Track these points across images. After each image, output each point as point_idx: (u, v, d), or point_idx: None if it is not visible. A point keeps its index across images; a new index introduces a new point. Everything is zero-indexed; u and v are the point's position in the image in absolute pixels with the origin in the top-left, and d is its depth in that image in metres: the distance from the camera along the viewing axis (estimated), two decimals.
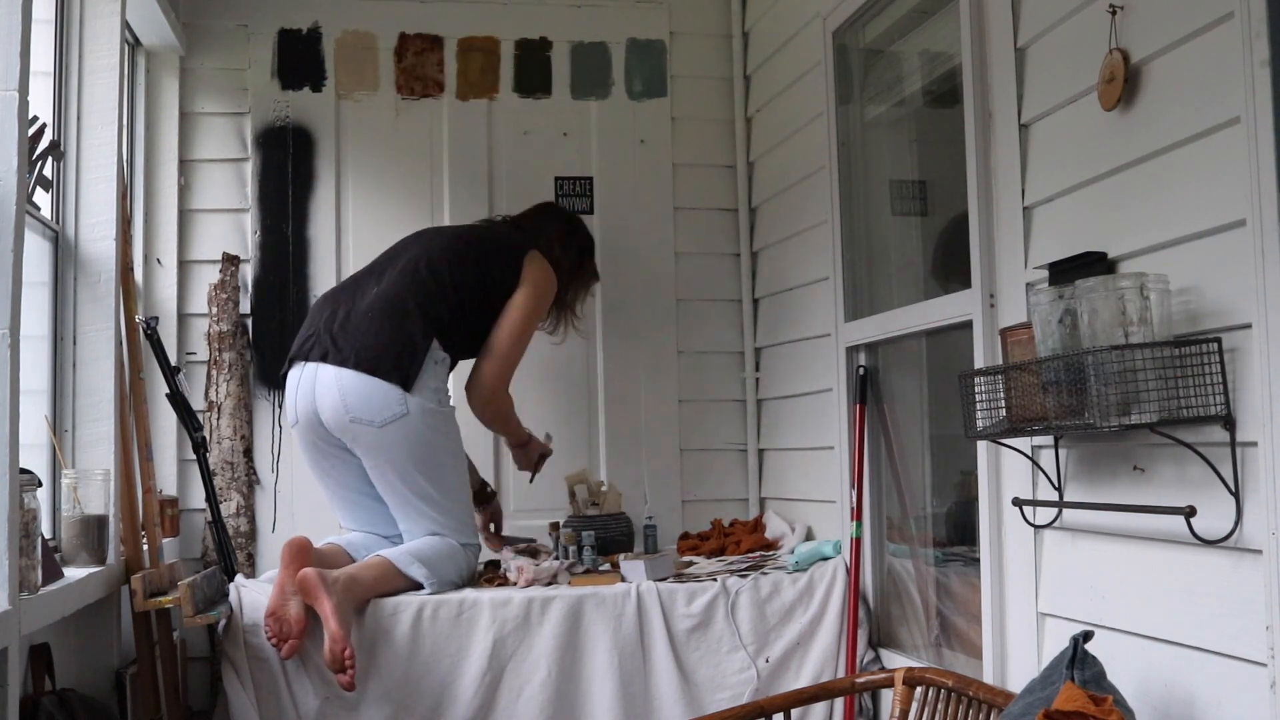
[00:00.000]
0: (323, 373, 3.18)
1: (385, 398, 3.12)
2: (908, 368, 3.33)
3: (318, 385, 3.18)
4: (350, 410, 3.12)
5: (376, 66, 4.07)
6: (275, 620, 2.89)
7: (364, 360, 3.14)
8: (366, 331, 3.18)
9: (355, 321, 3.22)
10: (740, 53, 4.26)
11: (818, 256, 3.61)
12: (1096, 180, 2.28)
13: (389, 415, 3.12)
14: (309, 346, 3.24)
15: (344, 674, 2.82)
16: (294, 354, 3.31)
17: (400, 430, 3.13)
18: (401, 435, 3.13)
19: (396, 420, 3.12)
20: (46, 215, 2.99)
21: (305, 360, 3.24)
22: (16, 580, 2.13)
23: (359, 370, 3.13)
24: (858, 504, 3.29)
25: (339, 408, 3.14)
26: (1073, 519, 2.36)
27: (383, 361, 3.14)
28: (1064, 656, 2.05)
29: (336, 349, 3.17)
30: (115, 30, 3.13)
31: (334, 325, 3.24)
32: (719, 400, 4.21)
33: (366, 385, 3.12)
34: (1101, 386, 1.98)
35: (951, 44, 2.88)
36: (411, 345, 3.18)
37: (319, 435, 3.24)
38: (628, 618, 3.12)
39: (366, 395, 3.12)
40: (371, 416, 3.12)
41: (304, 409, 3.22)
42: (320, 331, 3.24)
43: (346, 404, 3.13)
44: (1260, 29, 1.84)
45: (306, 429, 3.25)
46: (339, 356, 3.16)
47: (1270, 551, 1.83)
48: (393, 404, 3.12)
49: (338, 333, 3.21)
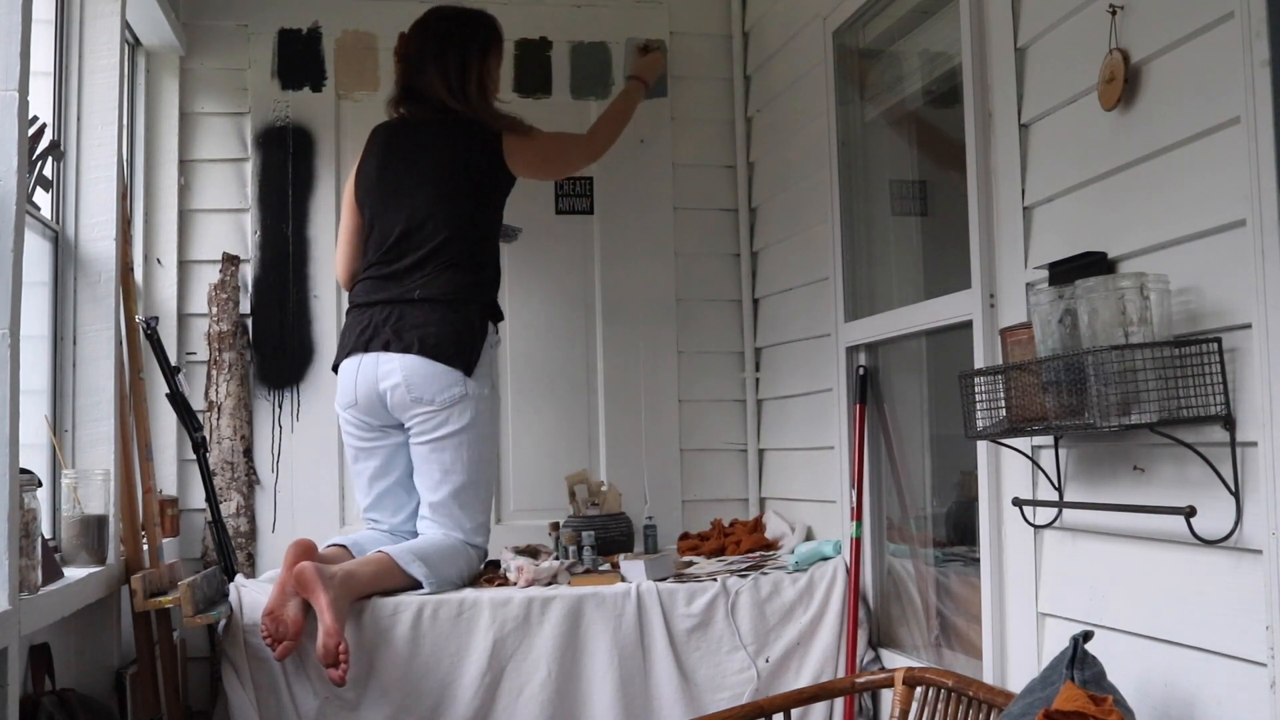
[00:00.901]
0: (385, 357, 3.28)
1: (447, 379, 3.25)
2: (908, 368, 3.33)
3: (380, 367, 3.28)
4: (413, 390, 3.25)
5: (376, 66, 4.07)
6: (272, 620, 2.89)
7: (427, 346, 3.26)
8: (427, 321, 3.28)
9: (411, 314, 3.30)
10: (740, 53, 4.26)
11: (818, 256, 3.61)
12: (1096, 180, 2.28)
13: (449, 396, 3.25)
14: (368, 339, 3.32)
15: (336, 669, 2.83)
16: (351, 348, 3.37)
17: (457, 411, 3.27)
18: (457, 415, 3.27)
19: (456, 401, 3.26)
20: (46, 215, 2.99)
21: (365, 351, 3.32)
22: (16, 580, 2.12)
23: (422, 355, 3.25)
24: (858, 504, 3.29)
25: (402, 387, 3.25)
26: (1073, 519, 2.36)
27: (445, 347, 3.26)
28: (1064, 656, 2.05)
29: (399, 339, 3.28)
30: (115, 30, 3.13)
31: (390, 318, 3.31)
32: (719, 400, 4.21)
33: (430, 368, 3.25)
34: (1101, 386, 1.98)
35: (951, 44, 2.88)
36: (471, 332, 3.31)
37: (376, 416, 3.34)
38: (628, 618, 3.12)
39: (430, 376, 3.25)
40: (433, 396, 3.25)
41: (365, 390, 3.32)
42: (378, 324, 3.32)
43: (410, 384, 3.25)
44: (1260, 29, 1.84)
45: (364, 410, 3.34)
46: (402, 345, 3.27)
47: (1270, 551, 1.83)
48: (453, 385, 3.26)
49: (396, 324, 3.30)
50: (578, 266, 4.16)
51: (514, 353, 4.06)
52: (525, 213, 3.84)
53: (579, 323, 4.14)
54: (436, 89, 3.48)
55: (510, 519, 3.98)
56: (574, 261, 4.15)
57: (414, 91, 3.52)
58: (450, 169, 3.42)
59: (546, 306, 4.12)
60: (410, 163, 3.45)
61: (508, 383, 4.05)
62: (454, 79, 3.47)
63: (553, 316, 4.13)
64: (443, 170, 3.42)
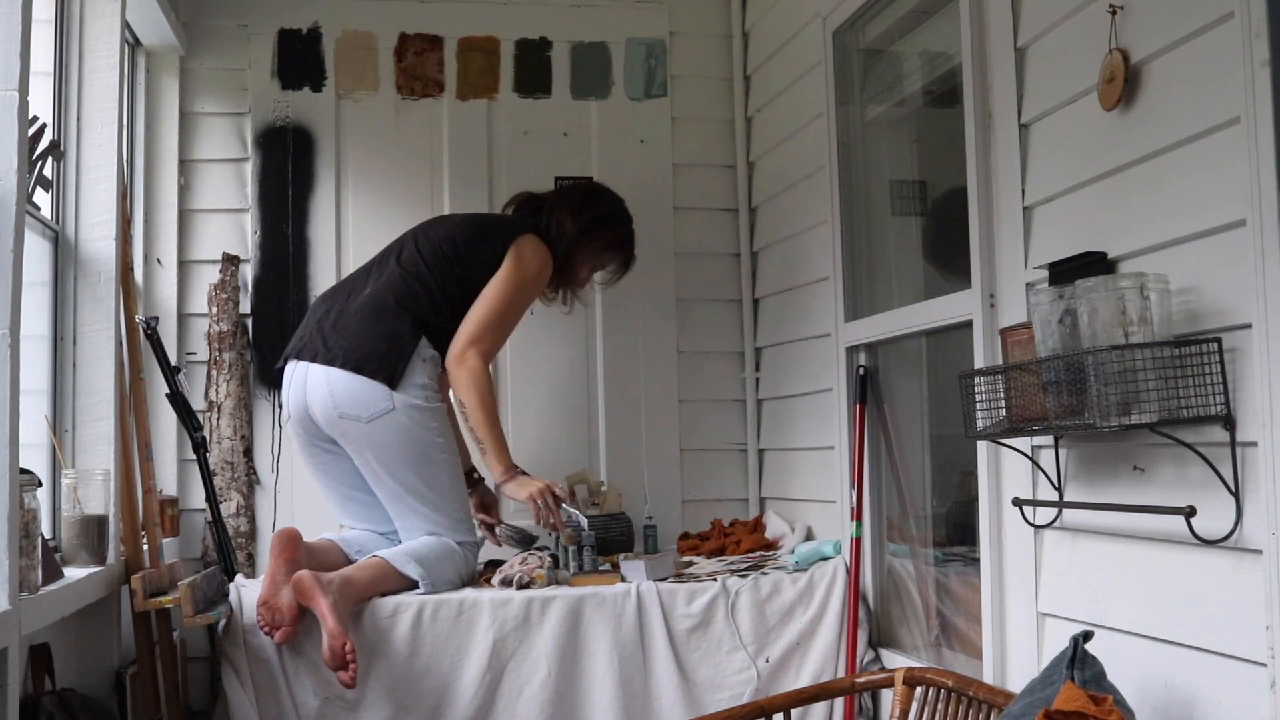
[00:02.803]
0: (312, 371, 3.25)
1: (371, 394, 3.17)
2: (908, 368, 3.33)
3: (308, 382, 3.25)
4: (338, 406, 3.19)
5: (376, 66, 4.07)
6: (267, 609, 2.90)
7: (350, 359, 3.20)
8: (355, 331, 3.25)
9: (345, 321, 3.28)
10: (740, 53, 4.26)
11: (818, 256, 3.61)
12: (1096, 180, 2.28)
13: (375, 411, 3.17)
14: (301, 345, 3.32)
15: (345, 671, 2.83)
16: (288, 352, 3.38)
17: (386, 426, 3.18)
18: (388, 430, 3.18)
19: (382, 416, 3.17)
20: (46, 215, 2.99)
21: (298, 359, 3.31)
22: (16, 580, 2.12)
23: (345, 369, 3.19)
24: (858, 504, 3.29)
25: (328, 404, 3.20)
26: (1073, 519, 2.36)
27: (369, 360, 3.20)
28: (1064, 656, 2.05)
29: (326, 348, 3.24)
30: (115, 30, 3.13)
31: (326, 324, 3.31)
32: (719, 400, 4.21)
33: (353, 383, 3.18)
34: (1101, 386, 1.98)
35: (951, 44, 2.88)
36: (398, 343, 3.23)
37: (311, 431, 3.31)
38: (628, 618, 3.12)
39: (353, 392, 3.18)
40: (359, 412, 3.18)
41: (295, 405, 3.30)
42: (313, 331, 3.32)
43: (335, 400, 3.20)
44: (1260, 29, 1.84)
45: (298, 425, 3.33)
46: (328, 355, 3.23)
47: (1270, 551, 1.83)
48: (378, 400, 3.18)
49: (329, 332, 3.28)
50: None
51: (514, 352, 4.05)
52: None
53: (579, 323, 4.14)
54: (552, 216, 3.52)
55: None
56: None
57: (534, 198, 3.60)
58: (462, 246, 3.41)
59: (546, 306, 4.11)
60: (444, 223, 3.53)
61: (508, 383, 4.05)
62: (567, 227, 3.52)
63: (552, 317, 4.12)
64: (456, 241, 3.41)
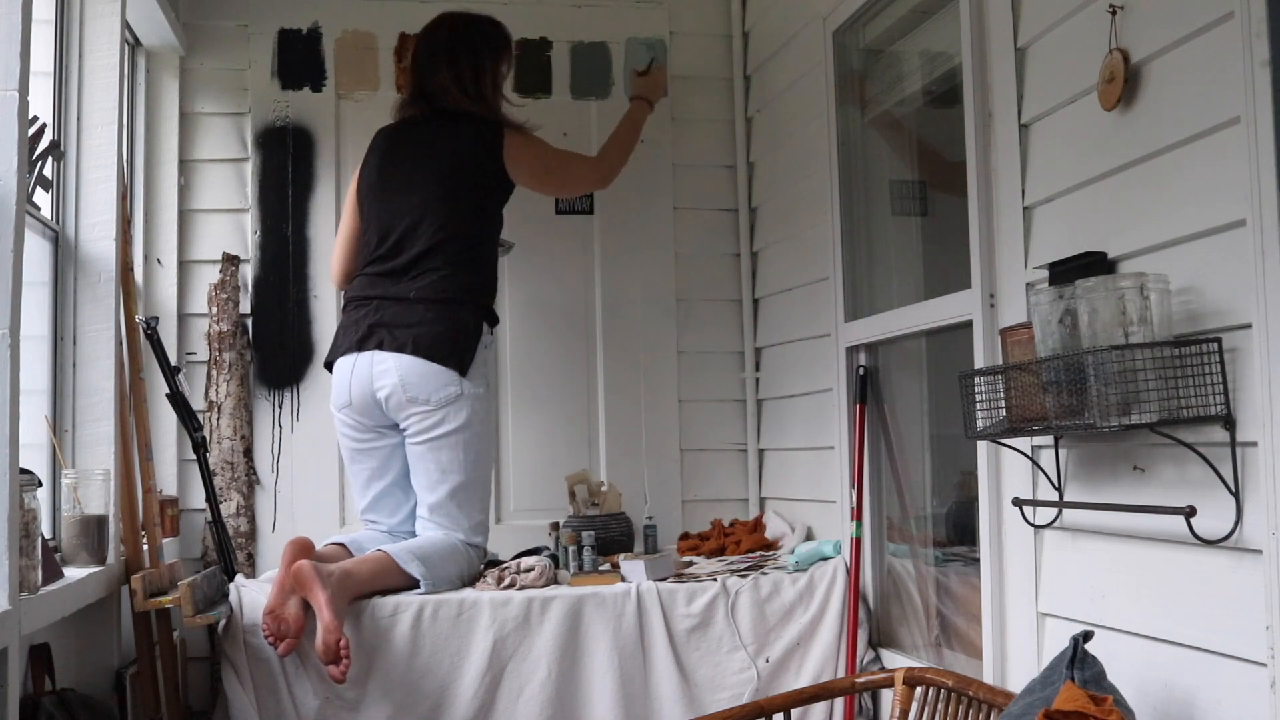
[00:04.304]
0: (380, 357, 3.28)
1: (441, 379, 3.25)
2: (908, 368, 3.33)
3: (375, 367, 3.29)
4: (409, 390, 3.25)
5: (376, 66, 4.07)
6: (273, 619, 2.89)
7: (422, 346, 3.26)
8: (421, 320, 3.29)
9: (408, 313, 3.31)
10: (740, 53, 4.26)
11: (818, 256, 3.61)
12: (1096, 180, 2.28)
13: (444, 396, 3.25)
14: (362, 336, 3.32)
15: (337, 665, 2.83)
16: (345, 346, 3.37)
17: (452, 411, 3.26)
18: (452, 415, 3.27)
19: (451, 401, 3.26)
20: (46, 215, 2.99)
21: (360, 350, 3.32)
22: (16, 580, 2.12)
23: (417, 355, 3.26)
24: (858, 504, 3.29)
25: (398, 387, 3.25)
26: (1073, 519, 2.36)
27: (439, 347, 3.26)
28: (1064, 656, 2.05)
29: (393, 337, 3.29)
30: (115, 30, 3.13)
31: (386, 316, 3.32)
32: (719, 400, 4.22)
33: (425, 368, 3.25)
34: (1101, 386, 1.98)
35: (951, 44, 2.88)
36: (465, 331, 3.31)
37: (371, 417, 3.34)
38: (628, 618, 3.12)
39: (425, 376, 3.25)
40: (428, 395, 3.25)
41: (359, 390, 3.32)
42: (372, 323, 3.32)
43: (405, 384, 3.25)
44: (1260, 29, 1.84)
45: (359, 411, 3.34)
46: (396, 344, 3.27)
47: (1270, 551, 1.83)
48: (449, 385, 3.26)
49: (390, 323, 3.31)
50: (578, 266, 4.16)
51: (514, 352, 4.06)
52: (525, 213, 3.84)
53: (579, 323, 4.14)
54: (449, 91, 3.49)
55: (510, 519, 3.98)
56: (574, 261, 4.15)
57: (425, 94, 3.53)
58: (450, 167, 3.42)
59: (546, 306, 4.12)
60: (411, 161, 3.46)
61: (508, 383, 4.05)
62: (468, 80, 3.49)
63: (553, 316, 4.13)
64: (443, 169, 3.42)
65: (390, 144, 3.54)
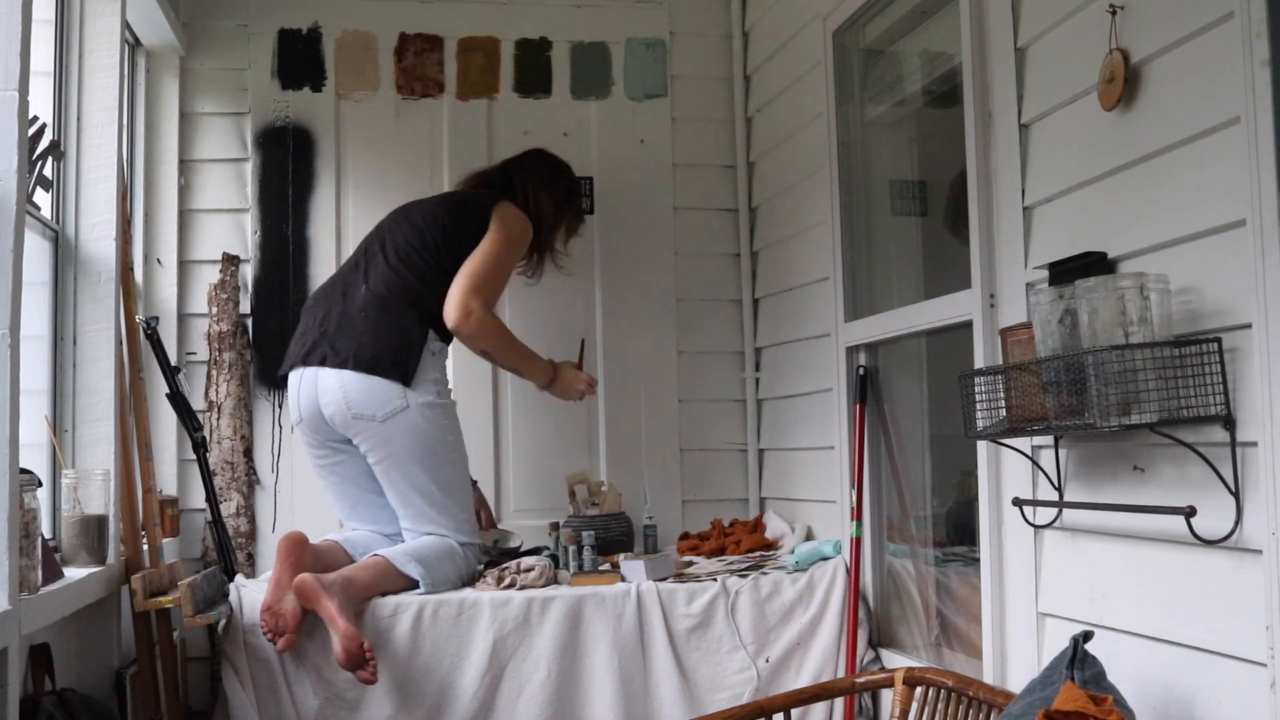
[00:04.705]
0: (323, 374, 3.25)
1: (385, 393, 3.20)
2: (908, 368, 3.33)
3: (319, 384, 3.26)
4: (353, 407, 3.20)
5: (376, 66, 4.07)
6: (271, 615, 2.90)
7: (362, 360, 3.21)
8: (362, 331, 3.25)
9: (350, 322, 3.28)
10: (740, 53, 4.26)
11: (818, 256, 3.61)
12: (1096, 180, 2.28)
13: (390, 410, 3.20)
14: (306, 350, 3.31)
15: (365, 669, 2.84)
16: (292, 359, 3.37)
17: (401, 424, 3.21)
18: (402, 428, 3.21)
19: (398, 414, 3.20)
20: (46, 215, 2.99)
21: (304, 365, 3.30)
22: (16, 580, 2.13)
23: (358, 370, 3.21)
24: (858, 504, 3.29)
25: (342, 405, 3.21)
26: (1073, 519, 2.36)
27: (381, 359, 3.21)
28: (1064, 656, 2.05)
29: (334, 351, 3.25)
30: (115, 30, 3.13)
31: (330, 327, 3.30)
32: (719, 400, 4.21)
33: (367, 383, 3.20)
34: (1101, 386, 1.98)
35: (951, 44, 2.88)
36: (408, 340, 3.25)
37: (323, 434, 3.32)
38: (628, 618, 3.12)
39: (367, 392, 3.20)
40: (374, 411, 3.20)
41: (308, 409, 3.30)
42: (316, 335, 3.31)
43: (349, 401, 3.21)
44: (1260, 29, 1.84)
45: (311, 428, 3.33)
46: (338, 359, 3.23)
47: (1270, 551, 1.83)
48: (393, 399, 3.20)
49: (334, 335, 3.28)
50: (578, 267, 4.15)
51: None
52: None
53: (579, 323, 4.14)
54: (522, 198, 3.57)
55: (510, 519, 3.97)
56: (574, 262, 4.15)
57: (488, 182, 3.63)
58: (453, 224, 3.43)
59: (546, 307, 4.12)
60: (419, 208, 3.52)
61: (508, 383, 4.04)
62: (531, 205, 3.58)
63: (553, 316, 4.12)
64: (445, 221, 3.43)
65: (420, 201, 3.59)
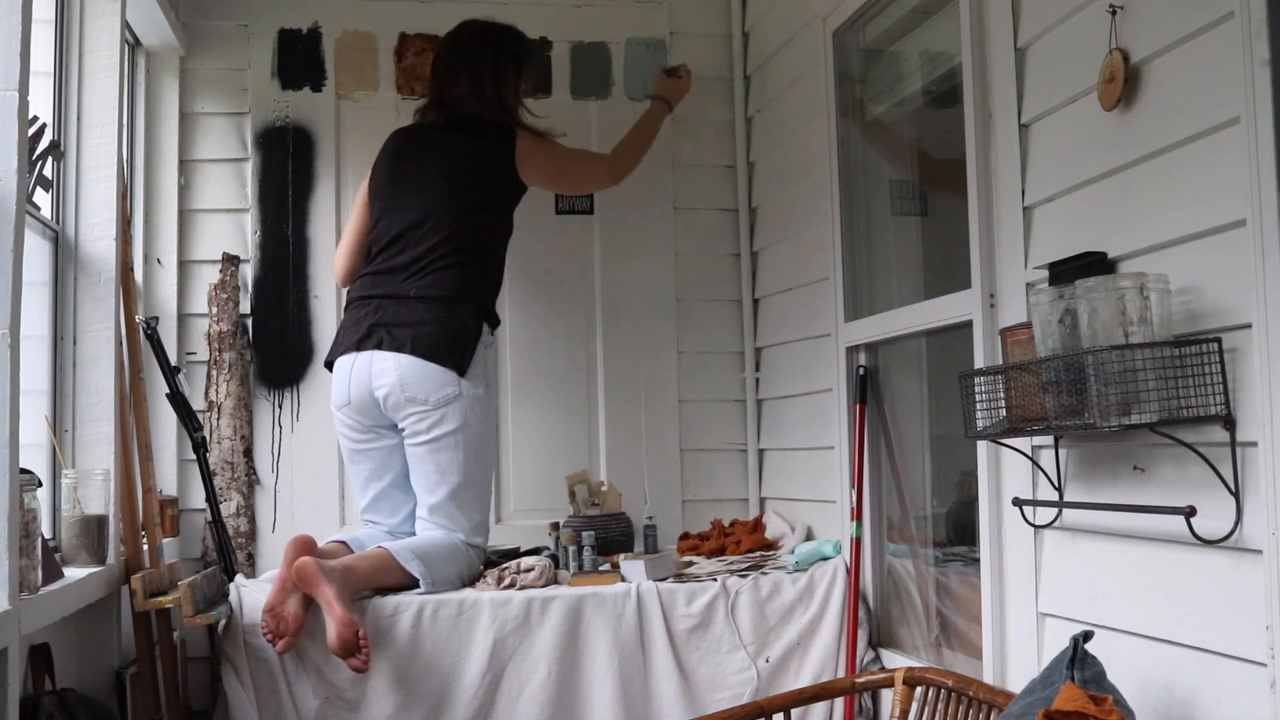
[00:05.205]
0: (379, 357, 3.29)
1: (440, 379, 3.26)
2: (908, 368, 3.33)
3: (374, 366, 3.30)
4: (407, 389, 3.26)
5: (376, 66, 4.07)
6: (273, 616, 2.90)
7: (420, 346, 3.27)
8: (420, 319, 3.30)
9: (408, 312, 3.32)
10: (740, 53, 4.26)
11: (818, 256, 3.61)
12: (1096, 180, 2.28)
13: (443, 396, 3.26)
14: (361, 336, 3.33)
15: (357, 656, 2.84)
16: (345, 346, 3.38)
17: (451, 411, 3.27)
18: (451, 415, 3.27)
19: (450, 401, 3.27)
20: (46, 215, 2.99)
21: (359, 350, 3.33)
22: (16, 580, 2.13)
23: (415, 355, 3.26)
24: (858, 504, 3.29)
25: (396, 386, 3.26)
26: (1073, 519, 2.36)
27: (439, 347, 3.27)
28: (1064, 656, 2.05)
29: (392, 337, 3.30)
30: (115, 30, 3.13)
31: (385, 316, 3.33)
32: (719, 400, 4.21)
33: (424, 368, 3.26)
34: (1101, 386, 1.98)
35: (951, 44, 2.88)
36: (465, 333, 3.31)
37: (371, 417, 3.35)
38: (628, 618, 3.12)
39: (423, 377, 3.26)
40: (426, 395, 3.26)
41: (358, 391, 3.33)
42: (372, 323, 3.33)
43: (404, 383, 3.26)
44: (1260, 29, 1.84)
45: (358, 410, 3.35)
46: (395, 343, 3.29)
47: (1270, 551, 1.83)
48: (447, 385, 3.27)
49: (391, 323, 3.32)
50: (578, 266, 4.16)
51: (514, 352, 4.06)
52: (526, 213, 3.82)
53: (579, 323, 4.14)
54: (469, 99, 3.52)
55: (510, 519, 3.98)
56: (574, 261, 4.15)
57: (444, 101, 3.56)
58: (460, 170, 3.45)
59: (546, 306, 4.12)
60: (423, 163, 3.49)
61: (508, 383, 4.05)
62: (488, 89, 3.52)
63: (553, 316, 4.13)
64: (453, 171, 3.45)
65: (404, 145, 3.57)
